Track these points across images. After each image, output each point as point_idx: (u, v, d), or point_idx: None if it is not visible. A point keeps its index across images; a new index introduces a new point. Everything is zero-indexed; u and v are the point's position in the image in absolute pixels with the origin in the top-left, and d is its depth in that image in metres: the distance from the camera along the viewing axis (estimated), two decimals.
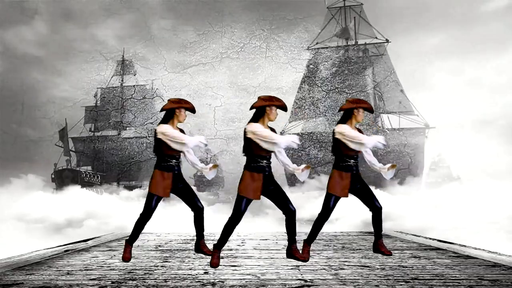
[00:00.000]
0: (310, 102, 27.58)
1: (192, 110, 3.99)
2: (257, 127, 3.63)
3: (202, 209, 3.99)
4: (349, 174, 3.88)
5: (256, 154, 3.64)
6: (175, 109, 3.91)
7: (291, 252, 3.80)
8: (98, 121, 28.83)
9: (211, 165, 3.97)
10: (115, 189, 27.88)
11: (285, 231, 3.77)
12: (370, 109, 3.99)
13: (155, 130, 3.94)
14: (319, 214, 3.92)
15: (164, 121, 3.95)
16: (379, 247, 4.05)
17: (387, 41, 25.63)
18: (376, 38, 25.78)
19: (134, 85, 28.25)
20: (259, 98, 3.75)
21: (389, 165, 4.02)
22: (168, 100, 4.01)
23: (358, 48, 25.88)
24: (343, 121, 3.97)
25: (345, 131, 3.88)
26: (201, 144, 3.85)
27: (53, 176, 27.33)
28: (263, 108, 3.68)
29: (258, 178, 3.63)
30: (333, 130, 4.00)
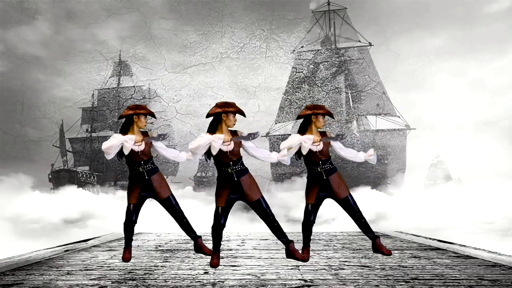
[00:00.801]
0: (310, 102, 27.60)
1: (151, 114, 3.98)
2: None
3: (177, 211, 3.99)
4: (317, 182, 3.87)
5: (216, 163, 3.66)
6: (133, 116, 3.88)
7: (291, 253, 3.79)
8: (95, 122, 29.20)
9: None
10: (111, 189, 28.17)
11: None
12: (328, 114, 3.93)
13: None
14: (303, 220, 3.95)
15: (124, 128, 3.92)
16: (378, 247, 4.04)
17: (370, 44, 26.09)
18: (359, 41, 26.25)
19: (134, 86, 28.53)
20: (215, 104, 3.72)
21: (371, 150, 4.00)
22: (127, 107, 3.99)
23: (335, 51, 26.37)
24: (303, 128, 3.93)
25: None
26: (127, 145, 3.79)
27: (50, 176, 27.70)
28: (219, 115, 3.66)
29: (225, 186, 3.63)
30: None
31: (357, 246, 4.99)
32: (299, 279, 3.05)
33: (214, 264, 3.59)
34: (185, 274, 3.28)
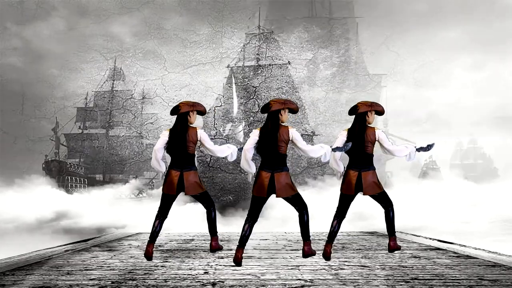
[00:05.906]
0: (310, 102, 27.72)
1: (204, 112, 4.12)
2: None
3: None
4: None
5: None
6: (189, 112, 3.98)
7: None
8: (90, 120, 31.04)
9: None
10: (99, 181, 29.67)
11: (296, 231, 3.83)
12: (382, 112, 3.96)
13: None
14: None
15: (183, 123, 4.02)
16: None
17: (289, 62, 29.06)
18: (281, 59, 29.25)
19: (129, 89, 29.59)
20: (275, 101, 3.77)
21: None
22: (183, 102, 4.03)
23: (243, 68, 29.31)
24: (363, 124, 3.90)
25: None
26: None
27: (43, 165, 29.50)
28: (279, 111, 3.72)
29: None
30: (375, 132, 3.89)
31: (357, 246, 4.99)
32: (299, 279, 3.05)
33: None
34: (185, 274, 3.28)
